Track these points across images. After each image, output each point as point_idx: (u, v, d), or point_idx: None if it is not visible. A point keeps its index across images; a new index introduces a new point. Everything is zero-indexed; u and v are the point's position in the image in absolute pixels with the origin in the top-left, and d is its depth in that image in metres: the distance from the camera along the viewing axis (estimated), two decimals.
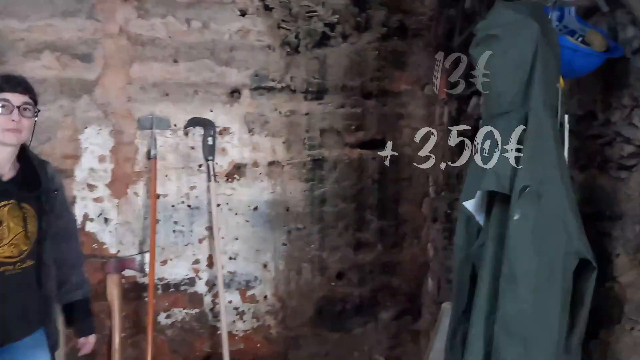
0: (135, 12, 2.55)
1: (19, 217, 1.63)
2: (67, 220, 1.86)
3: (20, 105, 1.60)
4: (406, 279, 2.95)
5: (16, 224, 1.62)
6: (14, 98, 1.60)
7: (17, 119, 1.59)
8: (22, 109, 1.60)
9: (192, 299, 2.67)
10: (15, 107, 1.59)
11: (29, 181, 1.67)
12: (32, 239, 1.65)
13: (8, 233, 1.60)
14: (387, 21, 2.88)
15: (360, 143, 2.87)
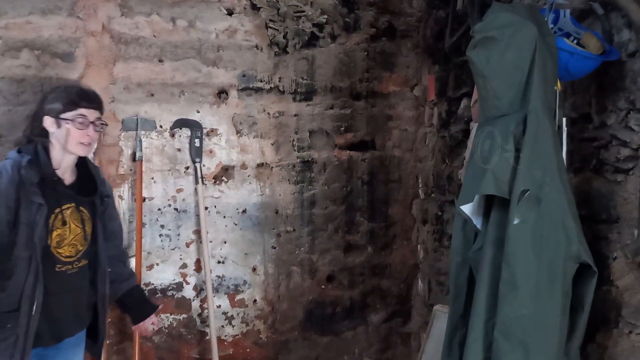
0: (119, 10, 2.48)
1: (78, 219, 1.77)
2: (117, 222, 2.05)
3: (94, 121, 1.74)
4: (396, 281, 2.93)
5: (76, 225, 1.76)
6: (90, 114, 1.73)
7: (92, 135, 1.74)
8: (95, 124, 1.75)
9: (180, 304, 2.61)
10: (90, 123, 1.73)
11: (86, 186, 1.81)
12: (88, 239, 1.81)
13: (69, 234, 1.74)
14: (375, 22, 2.87)
15: (349, 144, 2.85)
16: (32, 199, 1.62)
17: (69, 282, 1.76)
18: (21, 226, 1.60)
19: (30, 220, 1.61)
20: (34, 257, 1.62)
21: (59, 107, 1.70)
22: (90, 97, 1.76)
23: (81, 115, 1.70)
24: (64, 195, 1.73)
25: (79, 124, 1.70)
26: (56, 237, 1.70)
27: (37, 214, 1.63)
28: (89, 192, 1.81)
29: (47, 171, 1.70)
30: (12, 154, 1.71)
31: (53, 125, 1.71)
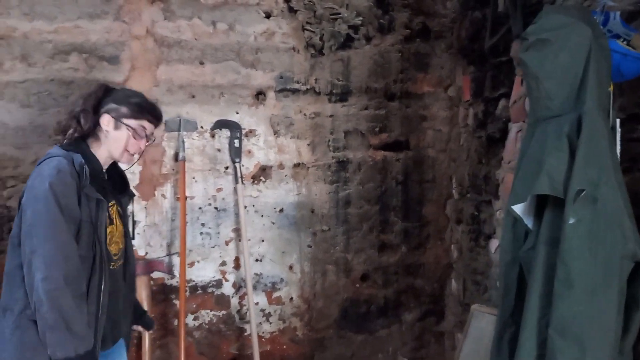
0: (162, 14, 2.54)
1: (118, 217, 1.73)
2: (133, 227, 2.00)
3: (149, 135, 1.73)
4: (430, 281, 2.96)
5: (119, 222, 1.73)
6: (150, 128, 1.72)
7: (142, 147, 1.70)
8: (148, 137, 1.73)
9: (219, 300, 2.67)
10: (146, 136, 1.71)
11: (118, 185, 1.78)
12: (124, 238, 1.76)
13: (115, 231, 1.70)
14: (409, 23, 2.89)
15: (384, 145, 2.88)
16: (90, 194, 1.55)
17: (118, 281, 1.72)
18: (83, 224, 1.54)
19: (91, 217, 1.56)
20: (98, 256, 1.56)
21: (126, 111, 1.65)
22: (156, 113, 1.74)
23: (143, 127, 1.68)
24: (109, 192, 1.69)
25: (137, 135, 1.67)
26: (109, 234, 1.66)
27: (98, 210, 1.57)
28: (121, 191, 1.79)
29: (97, 167, 1.64)
30: (58, 150, 1.60)
31: (110, 124, 1.64)
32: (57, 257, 1.44)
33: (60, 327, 1.43)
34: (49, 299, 1.42)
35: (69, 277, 1.46)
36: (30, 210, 1.48)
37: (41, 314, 1.43)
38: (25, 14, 2.34)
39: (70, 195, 1.50)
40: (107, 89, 1.72)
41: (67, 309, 1.44)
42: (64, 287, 1.44)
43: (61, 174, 1.49)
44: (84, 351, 1.46)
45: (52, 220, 1.46)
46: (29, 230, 1.47)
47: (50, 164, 1.53)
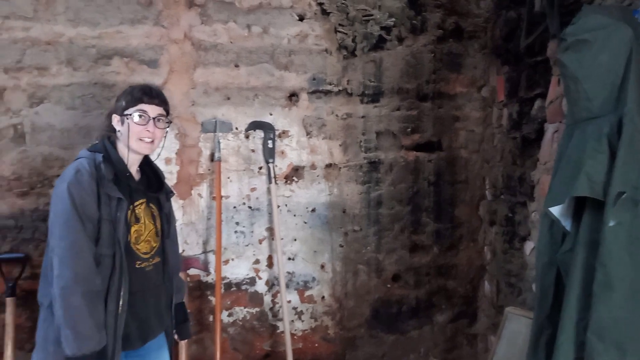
0: (199, 18, 2.61)
1: (149, 215, 1.74)
2: (174, 224, 1.96)
3: (156, 117, 1.71)
4: (462, 282, 2.94)
5: (149, 221, 1.73)
6: (151, 109, 1.70)
7: (152, 130, 1.69)
8: (156, 120, 1.71)
9: (253, 298, 2.73)
10: (151, 119, 1.69)
11: (152, 183, 1.80)
12: (159, 236, 1.76)
13: (144, 229, 1.70)
14: (442, 23, 2.88)
15: (416, 145, 2.88)
16: (111, 194, 1.59)
17: (148, 280, 1.72)
18: (103, 222, 1.56)
19: (111, 216, 1.58)
20: (118, 254, 1.58)
21: (123, 104, 1.69)
22: (152, 93, 1.72)
23: (141, 110, 1.68)
24: (136, 191, 1.71)
25: (140, 119, 1.67)
26: (134, 232, 1.68)
27: (118, 209, 1.60)
28: (155, 188, 1.81)
29: (120, 167, 1.67)
30: (84, 152, 1.68)
31: (119, 123, 1.71)
32: (68, 256, 1.49)
33: (68, 325, 1.47)
34: (60, 297, 1.47)
35: (79, 275, 1.49)
36: (51, 211, 1.57)
37: (54, 310, 1.50)
38: (71, 20, 2.44)
39: (86, 195, 1.55)
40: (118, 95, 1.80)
41: (75, 308, 1.47)
42: (73, 286, 1.47)
43: (79, 174, 1.55)
44: (90, 351, 1.48)
45: (66, 219, 1.50)
46: (50, 230, 1.56)
47: (72, 165, 1.61)
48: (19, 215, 2.43)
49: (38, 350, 1.58)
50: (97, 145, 1.71)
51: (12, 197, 2.43)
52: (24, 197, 2.44)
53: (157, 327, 1.78)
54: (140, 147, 1.71)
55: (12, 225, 2.43)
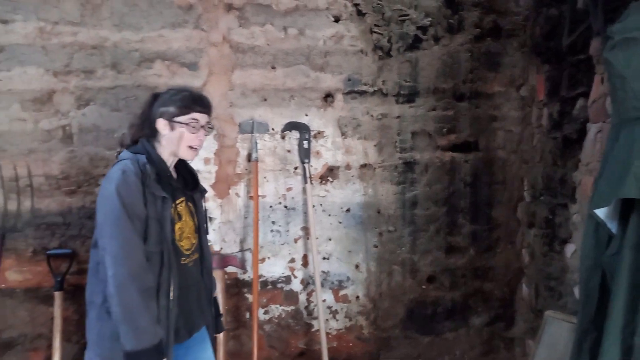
0: (237, 21, 2.67)
1: (189, 212, 1.79)
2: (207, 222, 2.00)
3: (205, 125, 1.77)
4: (499, 285, 2.89)
5: (189, 218, 1.78)
6: (202, 118, 1.75)
7: (201, 139, 1.75)
8: (205, 127, 1.77)
9: (288, 296, 2.76)
10: (201, 127, 1.75)
11: (187, 182, 1.84)
12: (197, 233, 1.81)
13: (185, 227, 1.75)
14: (480, 22, 2.84)
15: (452, 146, 2.85)
16: (156, 193, 1.63)
17: (191, 275, 1.77)
18: (150, 221, 1.60)
19: (158, 215, 1.62)
20: (166, 251, 1.63)
21: (174, 110, 1.71)
22: (203, 102, 1.77)
23: (194, 119, 1.72)
24: (176, 189, 1.75)
25: (192, 128, 1.72)
26: (178, 230, 1.72)
27: (163, 207, 1.64)
28: (191, 187, 1.85)
29: (162, 167, 1.71)
30: (127, 153, 1.71)
31: (166, 127, 1.73)
32: (122, 255, 1.53)
33: (127, 321, 1.52)
34: (117, 294, 1.51)
35: (134, 273, 1.53)
36: (100, 211, 1.60)
37: (112, 308, 1.54)
38: (115, 25, 2.54)
39: (134, 195, 1.58)
40: (155, 95, 1.81)
41: (133, 304, 1.52)
42: (130, 283, 1.52)
43: (126, 175, 1.58)
44: (149, 345, 1.53)
45: (117, 219, 1.54)
46: (100, 230, 1.58)
47: (117, 166, 1.64)
48: (67, 213, 2.55)
49: (93, 347, 1.62)
50: (138, 147, 1.74)
51: (60, 195, 2.55)
52: (72, 195, 2.55)
53: (199, 321, 1.83)
54: (188, 154, 1.77)
55: (61, 222, 2.55)
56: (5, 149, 2.50)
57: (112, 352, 1.57)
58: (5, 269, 2.52)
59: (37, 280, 2.55)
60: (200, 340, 1.84)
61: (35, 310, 2.56)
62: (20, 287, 2.54)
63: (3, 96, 2.47)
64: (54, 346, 2.44)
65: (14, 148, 2.50)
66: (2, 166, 2.48)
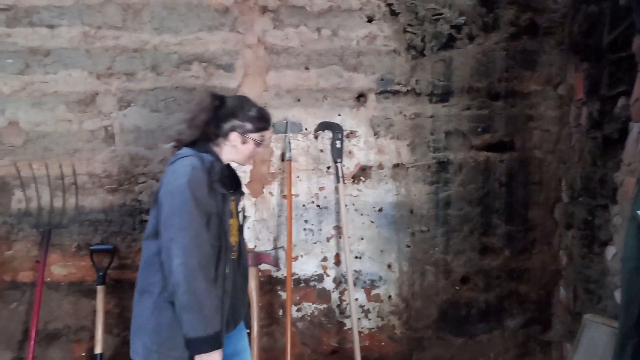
0: (272, 23, 2.71)
1: (235, 212, 1.88)
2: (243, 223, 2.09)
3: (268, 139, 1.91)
4: (535, 287, 2.84)
5: (235, 217, 1.88)
6: (267, 135, 1.93)
7: (261, 152, 1.92)
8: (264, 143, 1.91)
9: (320, 294, 2.79)
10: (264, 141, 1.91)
11: (232, 184, 1.93)
12: (239, 232, 1.91)
13: (233, 224, 1.85)
14: (516, 20, 2.80)
15: (486, 145, 2.82)
16: (218, 189, 1.71)
17: (237, 270, 1.86)
18: (212, 216, 1.67)
19: (219, 210, 1.70)
20: (223, 245, 1.71)
21: (250, 127, 1.82)
22: (269, 120, 1.91)
23: (263, 137, 1.87)
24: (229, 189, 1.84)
25: (260, 144, 1.87)
26: (230, 227, 1.81)
27: (224, 203, 1.73)
28: (235, 188, 1.94)
29: (222, 167, 1.82)
30: (189, 151, 1.75)
31: (238, 139, 1.82)
32: (192, 245, 1.58)
33: (194, 308, 1.56)
34: (186, 283, 1.56)
35: (202, 263, 1.59)
36: (167, 204, 1.63)
37: (178, 296, 1.57)
38: (155, 29, 2.62)
39: (202, 190, 1.65)
40: (222, 100, 1.86)
41: (201, 292, 1.57)
42: (199, 272, 1.57)
43: (195, 170, 1.65)
44: (213, 332, 1.59)
45: (188, 211, 1.59)
46: (167, 221, 1.62)
47: (184, 162, 1.68)
48: (109, 210, 2.65)
49: (149, 335, 1.66)
50: (201, 147, 1.80)
51: (103, 193, 2.65)
52: (113, 193, 2.65)
53: (241, 313, 1.91)
54: (247, 163, 1.99)
55: (103, 219, 2.65)
56: (51, 149, 2.62)
57: (170, 340, 1.63)
58: (51, 264, 2.65)
59: (80, 275, 2.66)
60: (239, 330, 1.92)
61: (78, 303, 2.68)
62: (64, 280, 2.66)
63: (49, 98, 2.60)
64: (96, 338, 2.54)
65: (60, 148, 2.62)
66: (48, 165, 2.60)
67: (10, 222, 2.63)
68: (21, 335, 2.65)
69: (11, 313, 2.65)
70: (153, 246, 1.69)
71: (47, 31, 2.55)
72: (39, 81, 2.58)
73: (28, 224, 2.62)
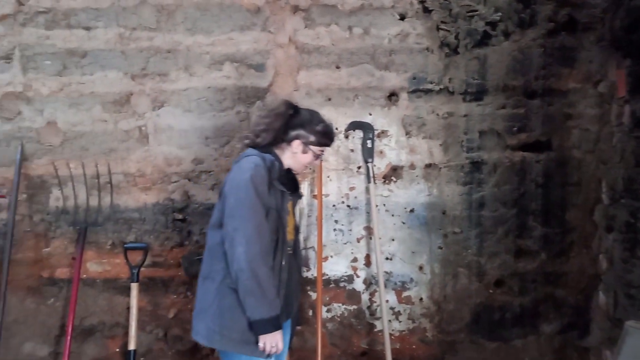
0: (303, 22, 2.70)
1: (292, 212, 2.00)
2: None
3: None
4: (572, 291, 2.75)
5: (292, 216, 2.00)
6: (326, 150, 2.07)
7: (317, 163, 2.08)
8: None
9: (351, 295, 2.77)
10: None
11: (291, 185, 2.02)
12: (295, 230, 2.03)
13: (290, 222, 1.95)
14: (554, 16, 2.71)
15: (522, 145, 2.74)
16: (277, 187, 1.86)
17: (291, 264, 1.96)
18: (271, 210, 1.81)
19: (277, 206, 1.84)
20: (281, 238, 1.84)
21: (313, 140, 1.97)
22: (333, 137, 2.06)
23: (322, 152, 2.03)
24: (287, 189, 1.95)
25: (318, 157, 2.02)
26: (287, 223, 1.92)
27: (282, 200, 1.87)
28: (294, 190, 2.05)
29: (282, 168, 1.96)
30: (253, 151, 1.92)
31: (299, 148, 1.97)
32: (255, 234, 1.72)
33: (258, 292, 1.70)
34: (249, 269, 1.69)
35: (264, 251, 1.74)
36: (232, 197, 1.77)
37: (242, 281, 1.70)
38: (188, 29, 2.65)
39: (264, 185, 1.79)
40: (296, 110, 2.01)
41: (263, 278, 1.70)
42: (261, 259, 1.71)
43: (258, 167, 1.80)
44: (275, 314, 1.73)
45: (251, 204, 1.74)
46: (232, 213, 1.75)
47: (249, 160, 1.84)
48: (143, 209, 2.69)
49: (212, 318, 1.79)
50: (265, 149, 1.94)
51: (137, 192, 2.69)
52: (147, 192, 2.69)
53: (292, 308, 1.99)
54: (302, 169, 2.04)
55: (137, 218, 2.69)
56: (87, 148, 2.68)
57: (231, 322, 1.76)
58: (87, 261, 2.70)
59: (115, 272, 2.71)
60: (286, 325, 2.01)
61: (113, 300, 2.73)
62: (99, 277, 2.72)
63: (86, 98, 2.65)
64: (130, 334, 2.58)
65: (96, 147, 2.67)
66: (84, 164, 2.66)
67: (48, 220, 2.69)
68: (58, 331, 2.71)
69: (49, 309, 2.72)
70: (217, 236, 1.83)
71: (84, 33, 2.61)
72: (76, 82, 2.64)
73: (65, 221, 2.68)
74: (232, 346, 1.78)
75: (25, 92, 2.63)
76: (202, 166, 2.69)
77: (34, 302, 2.71)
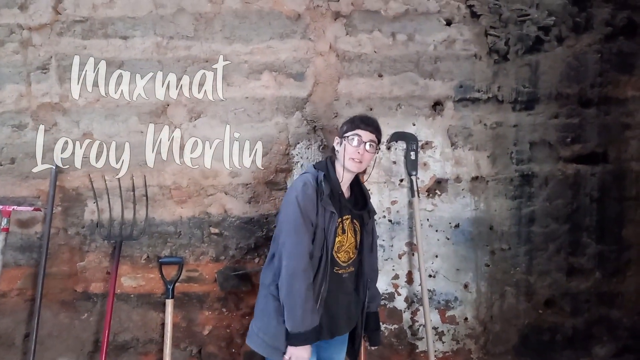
0: (344, 29, 2.59)
1: (352, 229, 2.00)
2: (375, 240, 2.19)
3: (367, 141, 1.97)
4: (629, 313, 2.59)
5: (351, 234, 1.99)
6: (364, 135, 1.97)
7: (361, 152, 1.96)
8: (367, 144, 1.97)
9: (391, 314, 2.65)
10: (363, 142, 1.96)
11: (358, 202, 2.05)
12: (357, 249, 2.00)
13: (346, 241, 1.98)
14: (612, 19, 2.56)
15: (576, 157, 2.59)
16: (326, 207, 1.88)
17: (343, 284, 1.97)
18: (318, 229, 1.86)
19: (325, 226, 1.87)
20: (324, 258, 1.86)
21: (345, 127, 2.01)
22: (368, 121, 2.00)
23: (357, 134, 1.96)
24: (344, 207, 1.97)
25: (353, 141, 1.95)
26: (337, 242, 1.94)
27: (330, 221, 1.89)
28: (360, 207, 2.04)
29: (335, 185, 1.96)
30: (310, 168, 2.03)
31: (338, 143, 2.02)
32: (296, 251, 1.81)
33: (290, 308, 1.79)
34: (287, 284, 1.79)
35: (303, 267, 1.80)
36: (282, 213, 1.90)
37: (281, 294, 1.82)
38: (226, 38, 2.55)
39: (310, 204, 1.86)
40: None
41: (297, 294, 1.78)
42: (299, 275, 1.79)
43: (305, 187, 1.88)
44: (306, 329, 1.79)
45: (295, 221, 1.83)
46: (280, 228, 1.88)
47: (300, 178, 1.94)
48: (178, 222, 2.61)
49: (256, 320, 1.94)
50: (322, 164, 2.03)
51: (172, 205, 2.61)
52: (182, 205, 2.61)
53: (344, 326, 2.00)
54: (350, 165, 1.96)
55: (172, 231, 2.62)
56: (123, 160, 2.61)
57: (265, 326, 1.88)
58: (122, 275, 2.64)
59: (149, 287, 2.64)
60: (340, 342, 2.05)
61: (146, 315, 2.66)
62: (134, 292, 2.65)
63: (123, 109, 2.58)
64: (165, 352, 2.51)
65: (132, 159, 2.60)
66: (120, 177, 2.59)
67: (83, 233, 2.63)
68: (91, 346, 2.66)
69: (82, 323, 2.66)
70: (274, 247, 1.95)
71: (121, 42, 2.53)
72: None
73: (100, 235, 2.62)
74: (263, 348, 1.87)
75: (61, 102, 2.57)
76: (239, 179, 2.61)
77: (68, 317, 2.66)
